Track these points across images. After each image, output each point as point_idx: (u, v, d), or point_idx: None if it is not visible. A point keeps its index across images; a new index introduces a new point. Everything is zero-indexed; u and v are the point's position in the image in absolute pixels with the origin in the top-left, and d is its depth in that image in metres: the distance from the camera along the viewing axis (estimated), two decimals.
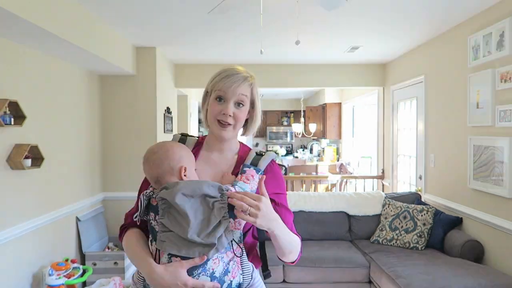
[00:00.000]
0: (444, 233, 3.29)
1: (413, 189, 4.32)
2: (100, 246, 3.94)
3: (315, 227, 3.70)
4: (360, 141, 6.94)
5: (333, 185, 6.12)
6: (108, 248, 3.98)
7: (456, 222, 3.30)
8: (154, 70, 4.22)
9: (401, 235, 3.43)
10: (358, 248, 3.53)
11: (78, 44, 2.84)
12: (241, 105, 1.21)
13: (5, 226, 2.60)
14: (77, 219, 3.62)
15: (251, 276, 1.12)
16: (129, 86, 4.22)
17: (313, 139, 9.27)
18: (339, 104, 7.63)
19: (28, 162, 2.79)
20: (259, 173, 1.20)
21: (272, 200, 1.19)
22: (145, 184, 1.28)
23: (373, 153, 5.96)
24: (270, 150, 1.30)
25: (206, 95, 1.28)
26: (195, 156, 1.25)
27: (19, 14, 2.14)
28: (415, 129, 4.29)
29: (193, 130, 6.83)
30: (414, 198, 3.78)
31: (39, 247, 3.02)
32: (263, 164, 1.22)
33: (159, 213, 1.06)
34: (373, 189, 5.65)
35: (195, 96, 6.76)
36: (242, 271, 1.11)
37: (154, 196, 1.08)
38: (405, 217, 3.49)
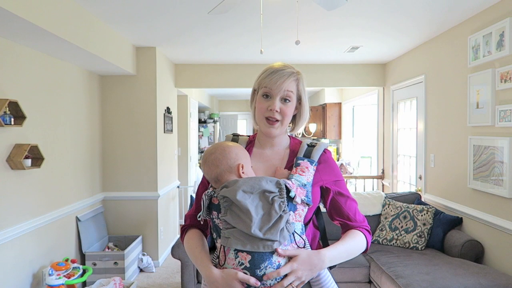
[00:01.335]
0: (444, 233, 3.29)
1: (413, 189, 4.32)
2: (100, 246, 3.94)
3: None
4: (360, 141, 6.94)
5: None
6: (108, 248, 3.98)
7: (456, 222, 3.30)
8: (154, 70, 4.22)
9: (401, 235, 3.43)
10: None
11: (78, 44, 2.85)
12: (287, 101, 1.23)
13: (5, 226, 2.60)
14: (77, 219, 3.62)
15: None
16: (129, 86, 4.22)
17: (313, 139, 9.27)
18: (339, 104, 7.62)
19: (28, 162, 2.79)
20: (313, 164, 1.22)
21: (328, 191, 1.24)
22: (202, 186, 1.33)
23: (373, 153, 5.96)
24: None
25: (254, 93, 1.30)
26: (249, 154, 1.29)
27: (18, 14, 2.14)
28: (415, 129, 4.29)
29: (193, 130, 6.82)
30: (414, 198, 3.78)
31: (39, 247, 3.02)
32: (316, 154, 1.24)
33: (221, 211, 1.10)
34: (373, 189, 5.65)
35: (195, 96, 6.76)
36: None
37: (215, 195, 1.12)
38: (405, 217, 3.49)
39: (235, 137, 1.36)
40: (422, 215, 3.40)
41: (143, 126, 4.23)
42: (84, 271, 3.29)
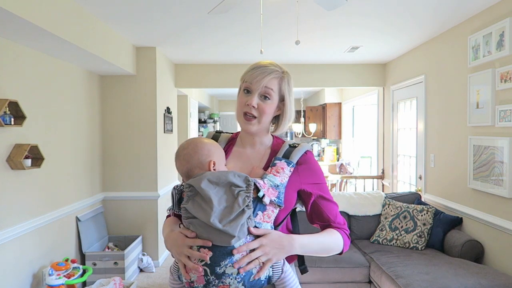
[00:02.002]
0: (444, 233, 3.29)
1: (413, 189, 4.32)
2: (100, 246, 3.94)
3: (315, 227, 3.69)
4: (360, 141, 6.94)
5: (333, 185, 6.13)
6: (108, 248, 3.98)
7: (456, 222, 3.30)
8: (154, 70, 4.22)
9: (401, 235, 3.43)
10: (358, 248, 3.53)
11: (78, 44, 2.85)
12: (267, 98, 1.21)
13: (5, 226, 2.60)
14: (77, 219, 3.62)
15: (281, 269, 1.12)
16: (129, 86, 4.22)
17: (313, 139, 9.27)
18: (339, 104, 7.63)
19: (28, 162, 2.79)
20: (290, 165, 1.19)
21: (309, 194, 1.22)
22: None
23: (373, 153, 5.96)
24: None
25: (240, 89, 1.29)
26: (227, 152, 1.28)
27: (18, 14, 2.14)
28: (415, 129, 4.29)
29: (193, 130, 6.82)
30: (414, 198, 3.78)
31: (39, 247, 3.02)
32: (295, 156, 1.21)
33: (184, 200, 1.09)
34: (373, 189, 5.65)
35: (195, 96, 6.76)
36: (272, 264, 1.11)
37: (184, 189, 1.11)
38: (405, 217, 3.49)
39: (217, 134, 1.35)
40: (422, 215, 3.40)
41: (143, 126, 4.23)
42: (84, 271, 3.29)
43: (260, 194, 1.08)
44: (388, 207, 3.67)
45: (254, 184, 1.08)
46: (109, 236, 4.19)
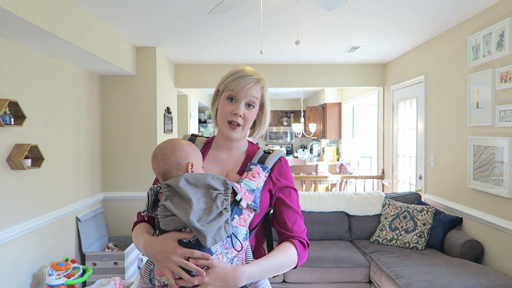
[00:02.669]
0: (444, 233, 3.29)
1: (413, 189, 4.32)
2: (100, 246, 3.94)
3: (315, 227, 3.70)
4: (360, 141, 6.94)
5: (333, 185, 6.13)
6: (108, 248, 3.98)
7: (456, 222, 3.30)
8: (154, 70, 4.22)
9: (401, 235, 3.43)
10: (358, 248, 3.53)
11: (78, 44, 2.85)
12: (251, 107, 1.23)
13: (5, 226, 2.60)
14: (77, 219, 3.62)
15: None
16: (129, 86, 4.22)
17: (313, 139, 9.27)
18: (339, 104, 7.63)
19: (28, 162, 2.79)
20: (266, 170, 1.21)
21: (273, 197, 1.23)
22: (156, 181, 1.30)
23: (373, 153, 5.96)
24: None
25: (217, 94, 1.29)
26: (203, 156, 1.27)
27: (18, 13, 2.14)
28: (415, 129, 4.29)
29: (193, 130, 6.82)
30: (414, 198, 3.78)
31: (39, 247, 3.02)
32: (270, 162, 1.23)
33: (162, 199, 1.07)
34: (373, 189, 5.65)
35: (195, 96, 6.76)
36: None
37: (161, 191, 1.10)
38: (405, 217, 3.49)
39: (193, 137, 1.35)
40: (422, 215, 3.40)
41: (143, 126, 4.23)
42: (84, 271, 3.29)
43: (238, 197, 1.09)
44: (388, 207, 3.67)
45: (232, 188, 1.08)
46: (109, 236, 4.19)
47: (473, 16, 3.12)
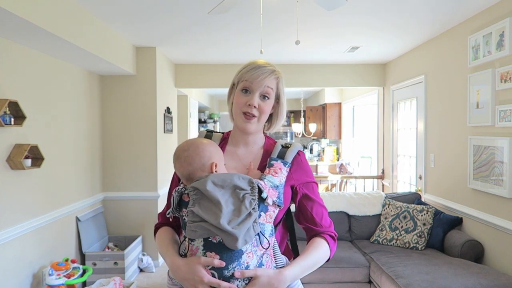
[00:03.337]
0: (444, 233, 3.29)
1: (413, 189, 4.32)
2: (100, 246, 3.94)
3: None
4: (360, 141, 6.94)
5: (333, 185, 6.12)
6: (108, 248, 3.98)
7: (456, 222, 3.30)
8: (154, 70, 4.22)
9: (401, 235, 3.43)
10: (358, 248, 3.53)
11: (78, 44, 2.85)
12: (266, 98, 1.22)
13: (5, 226, 2.60)
14: (77, 219, 3.62)
15: None
16: (129, 86, 4.22)
17: (313, 139, 9.27)
18: (339, 104, 7.62)
19: (28, 162, 2.79)
20: (287, 165, 1.21)
21: (297, 193, 1.22)
22: (174, 183, 1.29)
23: (373, 153, 5.96)
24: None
25: (232, 87, 1.28)
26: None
27: (18, 14, 2.14)
28: (415, 129, 4.29)
29: (193, 130, 6.82)
30: (414, 198, 3.78)
31: (39, 247, 3.02)
32: (289, 156, 1.23)
33: (189, 203, 1.07)
34: (373, 189, 5.65)
35: (195, 96, 6.76)
36: (276, 264, 1.12)
37: (186, 192, 1.10)
38: (405, 217, 3.49)
39: (209, 134, 1.34)
40: (422, 215, 3.40)
41: (143, 126, 4.23)
42: (84, 271, 3.29)
43: (264, 195, 1.09)
44: (388, 207, 3.67)
45: (258, 186, 1.09)
46: (109, 236, 4.19)
47: (473, 16, 3.12)
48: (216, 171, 1.14)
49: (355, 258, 3.24)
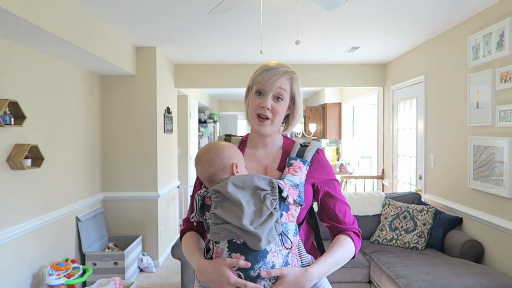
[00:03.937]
0: (444, 233, 3.29)
1: (413, 189, 4.32)
2: (100, 246, 3.94)
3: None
4: (360, 141, 6.94)
5: None
6: (108, 248, 3.98)
7: (456, 222, 3.30)
8: (154, 70, 4.22)
9: (401, 235, 3.43)
10: None
11: (78, 44, 2.85)
12: (280, 99, 1.22)
13: (5, 226, 2.60)
14: (77, 219, 3.62)
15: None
16: (129, 86, 4.22)
17: (313, 139, 9.27)
18: (339, 104, 7.62)
19: (28, 162, 2.79)
20: (306, 164, 1.21)
21: (319, 191, 1.23)
22: (196, 189, 1.30)
23: (373, 153, 5.96)
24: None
25: (248, 90, 1.29)
26: None
27: (19, 14, 2.14)
28: (415, 129, 4.29)
29: (193, 130, 6.82)
30: (414, 198, 3.78)
31: (39, 247, 3.02)
32: (308, 154, 1.23)
33: (212, 206, 1.08)
34: (373, 189, 5.65)
35: (195, 96, 6.76)
36: (302, 262, 1.13)
37: (208, 195, 1.11)
38: (405, 217, 3.49)
39: (228, 137, 1.35)
40: (422, 215, 3.40)
41: (143, 126, 4.23)
42: (84, 271, 3.29)
43: (284, 194, 1.09)
44: (388, 207, 3.67)
45: (278, 186, 1.09)
46: (109, 236, 4.19)
47: (473, 16, 3.12)
48: (237, 172, 1.15)
49: (355, 258, 3.24)
